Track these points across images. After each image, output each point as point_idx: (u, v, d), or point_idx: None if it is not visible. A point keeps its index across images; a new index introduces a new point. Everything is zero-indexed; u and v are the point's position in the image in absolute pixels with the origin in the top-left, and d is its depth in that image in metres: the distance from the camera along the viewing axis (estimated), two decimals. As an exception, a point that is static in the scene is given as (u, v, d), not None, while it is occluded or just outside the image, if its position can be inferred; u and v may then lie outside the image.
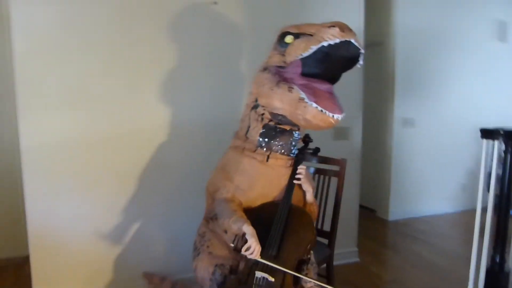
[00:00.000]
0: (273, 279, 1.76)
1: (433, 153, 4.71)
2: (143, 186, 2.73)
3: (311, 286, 1.88)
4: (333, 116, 1.70)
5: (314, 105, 1.68)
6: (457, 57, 4.71)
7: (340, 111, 1.72)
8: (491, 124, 2.38)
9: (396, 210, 4.62)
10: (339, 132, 3.23)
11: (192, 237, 2.26)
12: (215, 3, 2.76)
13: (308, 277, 1.87)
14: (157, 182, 2.76)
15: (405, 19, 4.40)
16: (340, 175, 2.48)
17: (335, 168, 2.50)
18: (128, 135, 2.67)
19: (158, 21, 2.66)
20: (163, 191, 2.79)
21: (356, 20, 3.20)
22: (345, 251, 3.36)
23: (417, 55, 4.50)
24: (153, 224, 2.79)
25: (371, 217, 4.74)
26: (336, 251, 3.22)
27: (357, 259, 3.43)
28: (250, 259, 1.80)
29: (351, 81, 3.20)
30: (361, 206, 5.02)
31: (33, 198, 2.51)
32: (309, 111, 1.70)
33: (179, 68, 2.74)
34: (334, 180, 2.51)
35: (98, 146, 2.61)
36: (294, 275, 1.82)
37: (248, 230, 1.78)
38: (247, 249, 1.75)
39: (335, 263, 3.15)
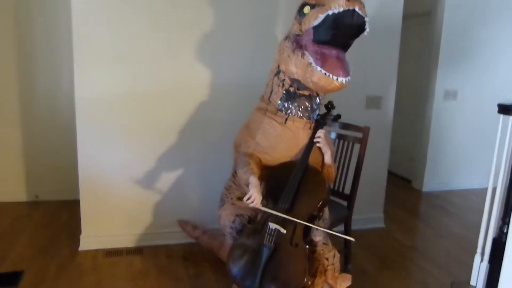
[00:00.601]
0: (284, 231, 1.93)
1: (475, 126, 4.60)
2: (181, 142, 2.98)
3: (320, 239, 2.05)
4: (337, 79, 1.85)
5: (319, 69, 1.86)
6: (509, 29, 4.50)
7: (345, 74, 1.87)
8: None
9: (432, 182, 4.62)
10: (371, 101, 3.28)
11: (222, 192, 2.49)
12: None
13: (316, 227, 2.03)
14: (194, 139, 3.00)
15: (455, -12, 4.25)
16: (362, 142, 2.58)
17: (358, 135, 2.60)
18: (170, 93, 2.91)
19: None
20: (199, 147, 3.03)
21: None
22: (371, 216, 3.48)
23: (465, 26, 4.33)
24: (189, 177, 3.05)
25: (406, 187, 4.77)
26: (361, 216, 3.37)
27: (382, 225, 3.53)
28: (266, 212, 1.98)
29: (386, 51, 3.22)
30: (397, 176, 5.08)
31: (84, 147, 2.83)
32: (315, 74, 1.87)
33: (218, 32, 2.90)
34: (358, 147, 2.61)
35: (142, 101, 2.87)
36: (304, 230, 2.00)
37: (253, 181, 1.96)
38: (248, 199, 1.93)
39: (359, 227, 3.30)
